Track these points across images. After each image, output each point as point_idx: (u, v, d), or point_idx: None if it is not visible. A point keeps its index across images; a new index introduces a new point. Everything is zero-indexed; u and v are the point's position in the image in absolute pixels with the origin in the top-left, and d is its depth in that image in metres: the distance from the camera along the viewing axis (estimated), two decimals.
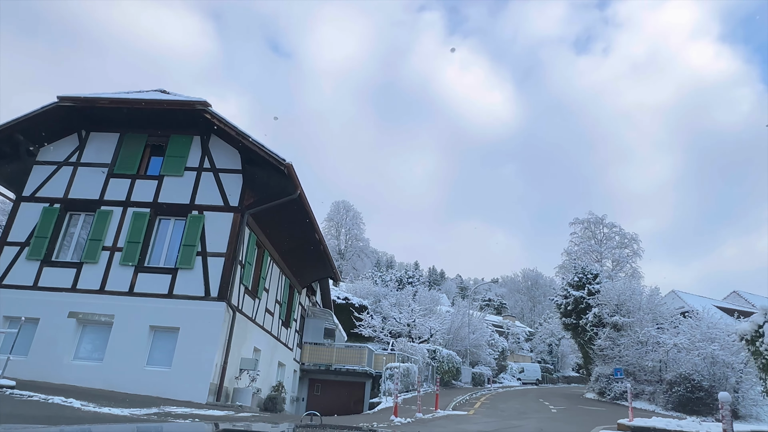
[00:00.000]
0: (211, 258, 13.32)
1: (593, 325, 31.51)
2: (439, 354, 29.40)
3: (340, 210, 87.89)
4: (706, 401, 24.89)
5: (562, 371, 67.52)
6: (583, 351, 33.65)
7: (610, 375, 29.15)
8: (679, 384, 24.91)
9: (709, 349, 25.22)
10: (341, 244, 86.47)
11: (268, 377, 16.99)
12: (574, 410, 18.84)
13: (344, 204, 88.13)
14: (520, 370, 55.81)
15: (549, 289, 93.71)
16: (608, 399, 28.31)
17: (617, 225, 41.06)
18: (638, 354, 28.24)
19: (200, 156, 14.59)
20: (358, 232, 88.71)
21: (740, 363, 25.25)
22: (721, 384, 25.26)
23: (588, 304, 32.67)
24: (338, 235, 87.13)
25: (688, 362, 25.63)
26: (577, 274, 34.74)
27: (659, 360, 27.06)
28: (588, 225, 41.97)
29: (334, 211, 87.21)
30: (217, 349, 12.37)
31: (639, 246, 39.44)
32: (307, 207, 15.09)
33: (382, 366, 20.74)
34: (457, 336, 41.12)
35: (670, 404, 25.27)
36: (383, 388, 18.67)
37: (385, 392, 18.57)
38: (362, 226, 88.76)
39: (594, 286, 33.41)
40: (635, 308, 29.93)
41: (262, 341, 16.17)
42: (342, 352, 22.58)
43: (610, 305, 30.96)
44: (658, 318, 29.25)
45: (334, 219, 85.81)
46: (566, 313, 34.52)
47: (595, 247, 39.96)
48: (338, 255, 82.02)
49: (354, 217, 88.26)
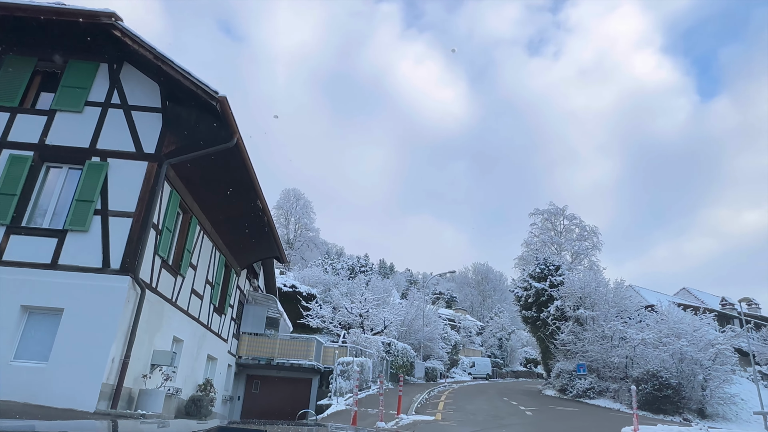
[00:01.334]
0: (114, 219, 10.07)
1: (555, 319, 29.93)
2: (394, 347, 26.92)
3: (290, 198, 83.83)
4: (674, 399, 23.62)
5: (511, 366, 67.03)
6: (543, 345, 32.10)
7: (572, 371, 27.60)
8: (647, 381, 23.50)
9: (677, 345, 23.96)
10: (290, 233, 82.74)
11: (193, 374, 13.84)
12: (549, 412, 16.75)
13: (295, 192, 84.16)
14: (471, 365, 54.48)
15: (499, 283, 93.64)
16: (570, 396, 26.74)
17: (577, 217, 40.08)
18: (603, 349, 26.77)
19: (107, 89, 11.21)
20: (308, 222, 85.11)
21: (708, 360, 24.19)
22: (689, 381, 24.08)
23: (550, 296, 31.08)
24: (287, 224, 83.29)
25: (656, 358, 24.31)
26: (539, 265, 33.13)
27: (625, 356, 25.65)
28: (548, 216, 40.71)
29: (284, 199, 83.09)
30: (115, 338, 9.20)
31: (598, 239, 38.58)
32: (247, 162, 12.03)
33: (333, 360, 17.94)
34: (411, 328, 38.89)
35: (636, 403, 23.82)
36: (334, 386, 15.88)
37: (336, 391, 15.80)
38: (313, 215, 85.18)
39: (556, 278, 31.88)
40: (600, 301, 28.50)
41: (185, 330, 13.01)
42: (286, 344, 19.60)
43: (573, 297, 29.43)
44: (624, 312, 27.93)
45: (283, 207, 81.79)
46: (526, 306, 32.85)
47: (555, 239, 38.69)
48: (287, 244, 78.46)
49: (305, 206, 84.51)
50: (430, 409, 15.63)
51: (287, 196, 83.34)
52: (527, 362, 71.72)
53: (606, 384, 26.38)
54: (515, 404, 18.95)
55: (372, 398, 16.85)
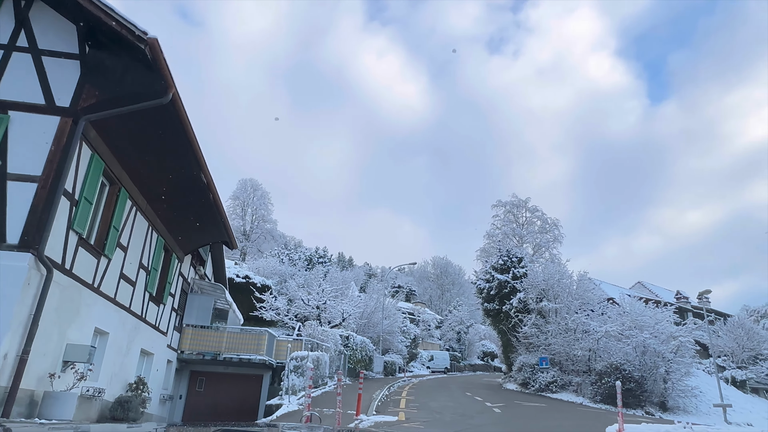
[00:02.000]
0: (14, 183, 8.22)
1: (518, 311, 29.26)
2: (352, 341, 25.54)
3: (247, 188, 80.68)
4: (636, 393, 23.26)
5: (469, 359, 66.94)
6: (505, 339, 31.45)
7: (534, 364, 27.00)
8: (610, 374, 23.03)
9: (640, 337, 23.63)
10: (247, 224, 79.85)
11: (121, 372, 12.01)
12: (517, 409, 15.78)
13: (252, 182, 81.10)
14: (430, 358, 53.86)
15: (458, 277, 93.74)
16: (532, 390, 26.11)
17: (539, 209, 39.71)
18: (566, 342, 26.25)
19: (12, 29, 9.27)
20: (265, 213, 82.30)
21: (670, 352, 24.00)
22: (651, 374, 23.81)
23: (513, 288, 30.40)
24: (244, 215, 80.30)
25: (619, 351, 23.92)
26: (501, 257, 32.41)
27: (588, 349, 25.19)
28: (511, 208, 40.21)
29: (241, 189, 79.89)
30: (9, 329, 7.40)
31: (560, 232, 38.37)
32: (185, 125, 10.30)
33: (287, 355, 16.36)
34: (370, 321, 37.63)
35: (599, 396, 23.38)
36: (286, 384, 14.34)
37: (288, 389, 14.27)
38: (270, 206, 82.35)
39: (519, 270, 31.23)
40: (563, 293, 27.99)
41: (111, 320, 11.18)
42: (235, 337, 17.86)
43: (536, 289, 28.83)
44: (586, 304, 27.51)
45: (240, 197, 78.67)
46: (488, 299, 32.09)
47: (517, 231, 38.21)
48: (243, 236, 75.89)
49: (262, 196, 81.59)
50: (392, 407, 14.35)
51: (244, 186, 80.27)
52: (484, 355, 71.88)
53: (569, 377, 25.89)
54: (480, 400, 17.94)
55: (329, 396, 15.44)
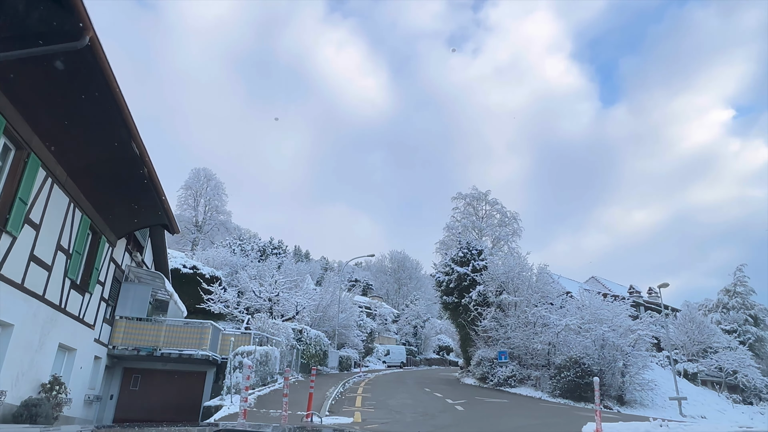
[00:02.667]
0: None
1: (477, 305, 28.68)
2: (306, 335, 24.19)
3: (200, 178, 77.35)
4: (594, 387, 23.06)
5: (425, 353, 66.65)
6: (463, 333, 30.85)
7: (493, 359, 26.46)
8: (569, 368, 22.68)
9: (599, 330, 23.39)
10: (199, 215, 76.69)
11: (31, 370, 10.30)
12: (480, 406, 14.92)
13: (205, 172, 77.82)
14: (386, 353, 53.09)
15: (415, 271, 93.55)
16: (491, 385, 25.56)
17: (499, 202, 39.40)
18: (525, 336, 25.82)
19: None
20: (219, 204, 79.29)
21: (629, 345, 23.90)
22: (610, 368, 23.63)
23: (473, 281, 29.79)
24: (196, 206, 77.03)
25: (579, 345, 23.63)
26: (461, 249, 31.78)
27: (548, 342, 24.81)
28: (471, 201, 39.69)
29: (194, 178, 76.51)
30: None
31: (519, 225, 38.16)
32: (110, 80, 8.70)
33: (233, 350, 14.88)
34: (325, 315, 36.31)
35: (558, 390, 22.99)
36: (229, 381, 12.90)
37: (232, 388, 12.85)
38: (224, 197, 79.40)
39: (479, 263, 30.67)
40: (523, 286, 27.57)
41: (15, 310, 9.47)
42: (175, 331, 16.18)
43: (496, 282, 28.32)
44: (546, 297, 27.17)
45: (192, 187, 75.33)
46: (447, 291, 31.42)
47: (477, 224, 37.73)
48: (195, 227, 72.80)
49: (216, 187, 78.46)
50: (347, 405, 13.18)
51: (197, 175, 76.95)
52: (440, 350, 71.80)
53: (528, 372, 25.48)
54: (440, 396, 17.03)
55: (278, 394, 14.10)
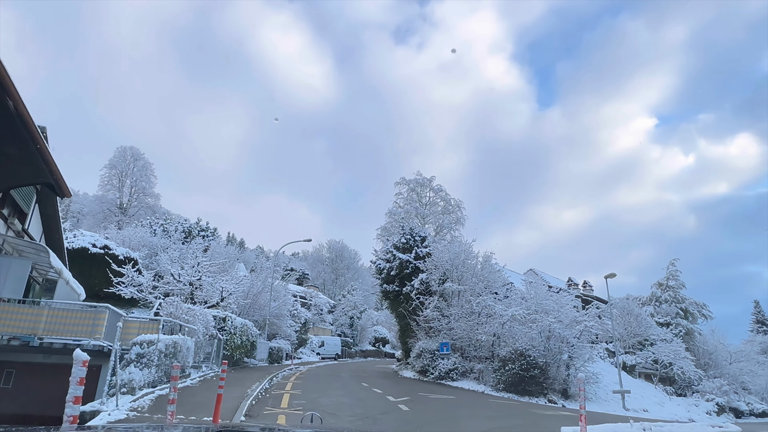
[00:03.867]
0: None
1: (419, 293, 27.05)
2: (230, 323, 21.53)
3: (126, 157, 71.09)
4: (540, 380, 21.95)
5: (361, 345, 65.07)
6: (403, 323, 29.18)
7: (435, 350, 24.91)
8: (514, 361, 21.47)
9: (546, 321, 22.33)
10: (124, 197, 70.80)
11: None
12: (426, 404, 13.07)
13: (132, 151, 71.68)
14: (321, 344, 50.89)
15: (353, 261, 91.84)
16: (432, 378, 24.01)
17: (443, 189, 37.96)
18: (469, 326, 24.45)
19: None
20: (147, 186, 73.46)
21: (574, 337, 23.04)
22: (555, 360, 22.68)
23: (416, 269, 28.13)
24: (121, 187, 70.95)
25: (525, 336, 22.49)
26: (404, 235, 30.03)
27: (493, 333, 23.53)
28: (414, 186, 38.06)
29: (119, 157, 70.20)
30: None
31: (462, 213, 36.93)
32: None
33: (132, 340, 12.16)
34: (256, 303, 33.63)
35: (502, 384, 21.75)
36: (120, 378, 10.26)
37: (124, 385, 10.23)
38: (153, 179, 73.61)
39: (422, 250, 29.06)
40: (468, 275, 26.20)
41: None
42: (60, 315, 13.18)
43: (440, 270, 26.80)
44: (491, 286, 25.95)
45: (117, 167, 69.17)
46: (388, 279, 29.60)
47: (420, 210, 36.17)
48: (119, 209, 67.04)
49: (144, 167, 72.49)
50: (271, 407, 10.92)
51: (123, 154, 70.76)
52: (376, 341, 70.46)
53: (470, 364, 24.12)
54: (380, 393, 15.08)
55: (187, 393, 11.61)
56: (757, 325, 70.92)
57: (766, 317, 71.42)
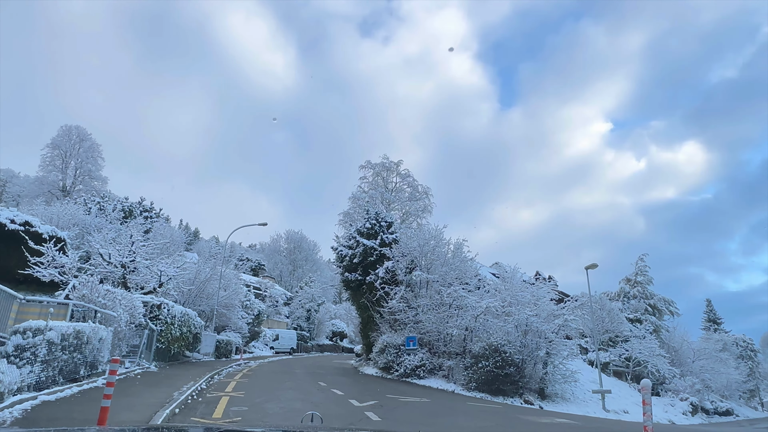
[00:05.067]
0: None
1: (384, 283, 24.71)
2: (167, 311, 18.55)
3: (71, 137, 65.19)
4: (515, 379, 20.04)
5: (318, 339, 62.40)
6: (365, 315, 26.78)
7: (400, 345, 22.63)
8: (488, 357, 19.42)
9: (523, 314, 20.41)
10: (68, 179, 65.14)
11: None
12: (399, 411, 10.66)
13: (78, 131, 65.91)
14: (275, 338, 47.93)
15: (312, 253, 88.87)
16: (396, 376, 21.74)
17: (411, 175, 35.76)
18: (439, 319, 22.28)
19: None
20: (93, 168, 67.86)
21: (552, 332, 21.25)
22: (532, 357, 20.81)
23: (381, 256, 25.76)
24: (65, 168, 65.22)
25: (500, 330, 20.51)
26: (369, 220, 27.59)
27: (465, 327, 21.42)
28: (380, 170, 35.67)
29: (63, 136, 64.32)
30: None
31: (430, 201, 34.88)
32: None
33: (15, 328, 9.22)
34: (203, 292, 30.51)
35: (474, 383, 19.67)
36: None
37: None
38: (100, 161, 68.03)
39: (388, 236, 26.71)
40: (438, 263, 24.04)
41: None
42: None
43: (408, 258, 24.55)
44: (464, 275, 23.88)
45: (61, 147, 63.40)
46: (350, 267, 27.11)
47: (386, 196, 33.85)
48: (62, 192, 61.58)
49: (91, 149, 66.80)
50: (200, 415, 8.28)
51: (68, 134, 64.94)
52: (334, 335, 67.93)
53: (439, 361, 21.97)
54: (341, 395, 12.61)
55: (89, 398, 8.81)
56: (709, 323, 72.42)
57: (718, 316, 73.11)
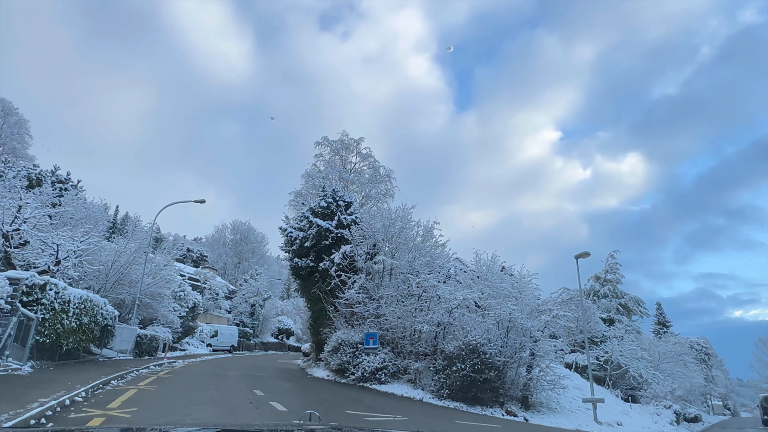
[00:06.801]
0: None
1: (341, 270, 20.93)
2: (54, 294, 14.03)
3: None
4: (495, 385, 16.80)
5: (262, 336, 57.74)
6: (317, 308, 22.89)
7: (358, 343, 18.91)
8: (464, 359, 16.03)
9: (506, 308, 17.17)
10: None
11: None
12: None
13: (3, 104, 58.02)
14: (213, 334, 43.03)
15: (259, 245, 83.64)
16: (352, 380, 18.01)
17: (372, 155, 32.13)
18: (405, 313, 18.72)
19: None
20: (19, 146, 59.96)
21: (538, 330, 18.17)
22: (515, 359, 17.61)
23: (338, 239, 21.95)
24: None
25: (479, 327, 17.18)
26: (325, 197, 23.70)
27: (437, 323, 17.94)
28: (339, 148, 31.84)
29: None
30: None
31: (393, 185, 31.40)
32: None
33: None
34: (124, 278, 25.78)
35: (446, 389, 16.22)
36: None
37: None
38: (28, 139, 60.30)
39: (347, 217, 22.95)
40: (405, 248, 20.49)
41: None
42: None
43: (370, 241, 20.88)
44: (434, 262, 20.44)
45: None
46: (301, 252, 23.14)
47: (345, 176, 30.08)
48: None
49: (17, 125, 58.98)
50: None
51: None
52: (280, 333, 63.44)
53: (405, 362, 18.38)
54: (282, 411, 8.76)
55: None
56: (659, 326, 72.83)
57: (668, 319, 73.73)
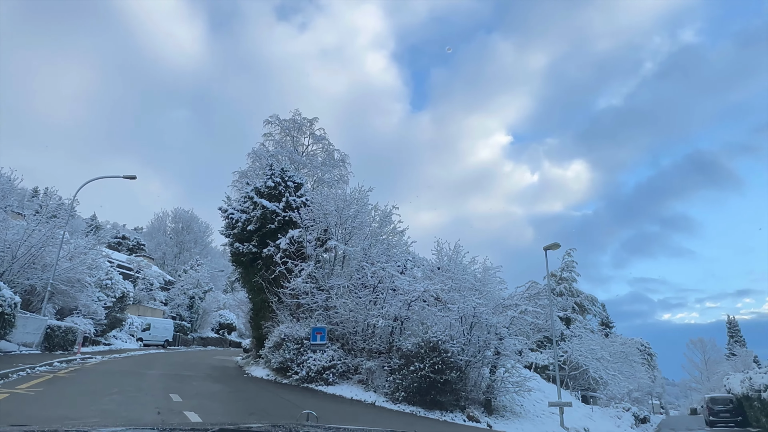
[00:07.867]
0: None
1: (287, 257, 18.63)
2: None
3: None
4: (457, 387, 15.08)
5: (202, 331, 54.24)
6: (258, 299, 20.49)
7: (303, 339, 16.69)
8: (423, 358, 14.19)
9: (471, 302, 15.44)
10: None
11: None
12: None
13: None
14: (146, 328, 39.49)
15: (203, 235, 79.30)
16: (295, 380, 15.80)
17: (327, 138, 29.79)
18: (359, 306, 16.67)
19: None
20: None
21: (504, 327, 16.58)
22: (478, 357, 15.95)
23: (286, 222, 19.64)
24: None
25: (440, 322, 15.39)
26: (272, 177, 21.29)
27: (394, 317, 15.98)
28: (290, 129, 29.31)
29: None
30: None
31: (348, 170, 29.20)
32: None
33: None
34: (36, 261, 22.49)
35: (401, 392, 14.35)
36: None
37: None
38: None
39: (296, 199, 20.66)
40: (361, 234, 18.44)
41: None
42: None
43: (321, 225, 18.71)
44: (393, 250, 18.49)
45: None
46: (243, 236, 20.66)
47: (296, 158, 27.65)
48: None
49: None
50: None
51: None
52: (221, 328, 59.97)
53: (356, 361, 16.31)
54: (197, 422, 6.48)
55: None
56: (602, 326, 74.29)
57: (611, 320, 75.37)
